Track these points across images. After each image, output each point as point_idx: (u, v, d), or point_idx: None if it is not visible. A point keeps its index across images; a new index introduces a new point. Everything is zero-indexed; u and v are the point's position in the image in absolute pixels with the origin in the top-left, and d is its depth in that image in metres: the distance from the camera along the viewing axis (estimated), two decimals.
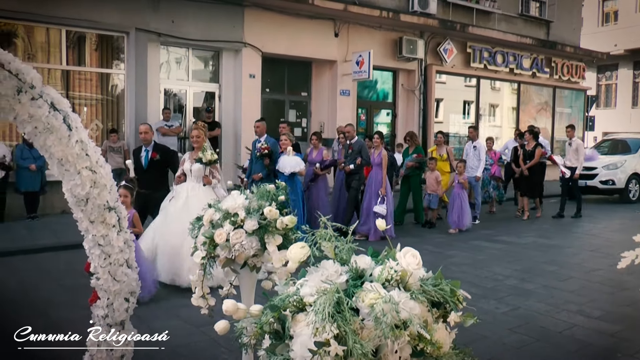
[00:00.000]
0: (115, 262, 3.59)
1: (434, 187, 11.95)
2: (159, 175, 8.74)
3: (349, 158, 10.97)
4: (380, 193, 10.61)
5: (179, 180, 7.88)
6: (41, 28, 12.68)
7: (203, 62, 15.15)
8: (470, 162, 12.88)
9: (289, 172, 9.81)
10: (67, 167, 3.37)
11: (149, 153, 8.69)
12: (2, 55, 3.06)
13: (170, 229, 7.31)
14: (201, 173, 7.67)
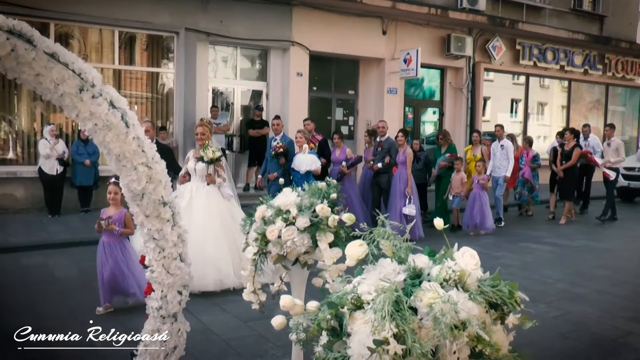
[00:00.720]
0: (169, 255, 3.67)
1: (459, 189, 11.55)
2: None
3: (378, 156, 10.78)
4: (406, 193, 10.42)
5: (183, 179, 7.60)
6: (95, 29, 13.03)
7: (251, 61, 15.26)
8: (498, 162, 12.49)
9: (305, 170, 9.54)
10: (124, 163, 3.45)
11: None
12: (67, 55, 3.15)
13: None
14: (205, 172, 7.42)
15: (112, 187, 6.13)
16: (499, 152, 12.53)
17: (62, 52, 3.19)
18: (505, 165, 12.41)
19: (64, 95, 3.21)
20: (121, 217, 6.17)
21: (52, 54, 3.13)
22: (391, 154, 10.58)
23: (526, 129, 20.13)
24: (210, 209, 7.26)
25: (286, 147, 9.88)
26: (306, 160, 9.59)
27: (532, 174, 13.56)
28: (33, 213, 11.86)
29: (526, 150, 13.76)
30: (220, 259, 6.98)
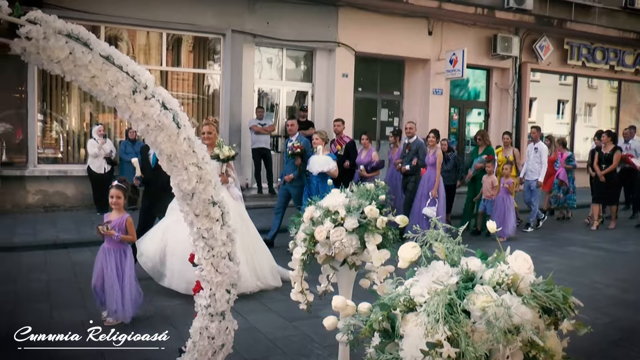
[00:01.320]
0: (218, 254, 3.72)
1: (490, 192, 11.09)
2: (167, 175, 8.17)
3: (406, 158, 10.58)
4: (430, 194, 10.16)
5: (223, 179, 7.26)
6: (142, 31, 13.32)
7: (296, 62, 15.33)
8: (531, 165, 12.04)
9: (317, 171, 9.20)
10: (175, 163, 3.52)
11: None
12: (121, 58, 3.23)
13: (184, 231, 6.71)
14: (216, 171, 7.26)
15: (114, 191, 5.80)
16: (532, 155, 12.11)
17: (117, 54, 3.26)
18: (538, 169, 11.95)
19: (118, 96, 3.28)
20: (122, 222, 5.82)
21: (107, 56, 3.21)
22: (419, 156, 10.38)
23: (573, 130, 19.73)
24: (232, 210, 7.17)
25: (303, 148, 9.61)
26: (319, 162, 9.26)
27: (566, 175, 13.13)
28: (82, 210, 12.21)
29: (560, 152, 13.33)
30: None
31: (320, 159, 9.25)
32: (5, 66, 11.78)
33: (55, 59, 3.09)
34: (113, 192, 5.79)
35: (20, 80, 12.12)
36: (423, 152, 10.44)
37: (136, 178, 7.25)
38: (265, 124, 13.50)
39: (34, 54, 3.08)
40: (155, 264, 6.84)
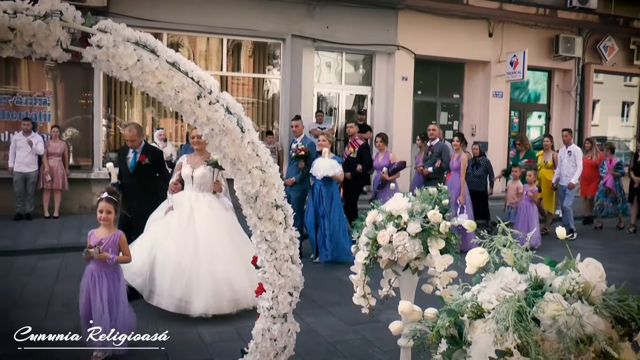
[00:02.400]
0: (280, 257, 3.75)
1: (514, 199, 10.56)
2: (147, 181, 7.13)
3: (428, 161, 10.29)
4: (458, 202, 9.69)
5: (175, 188, 6.68)
6: (203, 38, 13.57)
7: (356, 66, 15.33)
8: (565, 170, 11.54)
9: (322, 175, 8.69)
10: (239, 167, 3.57)
11: (137, 155, 7.12)
12: (187, 64, 3.31)
13: (175, 245, 6.20)
14: (207, 179, 6.56)
15: (104, 205, 4.92)
16: (566, 159, 11.57)
17: (182, 61, 3.35)
18: (573, 173, 11.46)
19: (183, 102, 3.36)
20: (115, 240, 4.95)
21: (173, 63, 3.29)
22: (442, 158, 10.05)
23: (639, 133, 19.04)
24: (215, 221, 6.46)
25: (307, 150, 9.10)
26: (324, 165, 8.73)
27: (614, 183, 12.45)
28: None
29: (608, 158, 12.65)
30: (234, 276, 6.14)
31: (326, 162, 8.79)
32: (73, 73, 12.20)
33: (124, 65, 3.19)
34: (103, 206, 4.91)
35: (87, 86, 12.52)
36: (446, 155, 10.13)
37: (112, 184, 6.65)
38: (324, 127, 13.51)
39: (104, 62, 3.19)
40: (144, 280, 6.11)
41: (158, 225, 6.49)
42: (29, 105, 12.22)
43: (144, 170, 7.06)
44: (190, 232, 6.23)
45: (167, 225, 6.41)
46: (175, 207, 6.49)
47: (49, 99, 12.39)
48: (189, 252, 6.10)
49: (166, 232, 6.33)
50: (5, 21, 2.94)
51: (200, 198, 6.50)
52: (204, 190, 6.56)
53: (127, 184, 6.94)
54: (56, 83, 12.60)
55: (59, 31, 3.07)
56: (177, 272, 6.02)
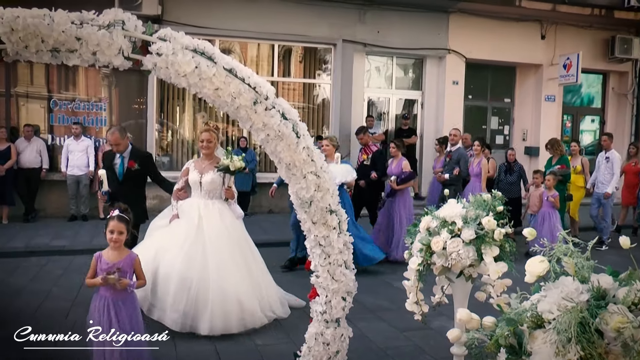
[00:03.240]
0: (334, 262, 3.77)
1: (536, 207, 9.97)
2: (138, 189, 6.71)
3: (447, 167, 10.00)
4: None
5: (181, 194, 6.22)
6: (254, 43, 13.75)
7: (406, 70, 15.28)
8: (602, 177, 11.02)
9: (339, 182, 7.95)
10: (294, 172, 3.60)
11: (124, 161, 6.62)
12: (243, 70, 3.36)
13: (182, 256, 5.70)
14: (216, 185, 6.09)
15: (116, 224, 4.30)
16: (603, 165, 11.07)
17: (239, 67, 3.40)
18: (609, 180, 10.92)
19: (240, 107, 3.41)
20: (131, 264, 4.37)
21: (230, 69, 3.35)
22: (460, 165, 9.70)
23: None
24: (226, 232, 5.97)
25: None
26: (340, 171, 8.12)
27: None
28: None
29: None
30: (244, 293, 5.73)
31: (342, 168, 8.24)
32: (128, 79, 12.49)
33: (182, 73, 3.26)
34: (114, 226, 4.30)
35: (140, 92, 12.83)
36: (465, 162, 9.79)
37: (103, 193, 6.32)
38: (375, 132, 13.49)
39: (164, 69, 3.27)
40: (146, 293, 5.56)
41: (162, 233, 6.06)
42: (86, 110, 12.60)
43: (133, 177, 6.60)
44: (199, 243, 5.76)
45: (172, 233, 5.94)
46: (182, 215, 6.05)
47: (104, 105, 12.74)
48: (196, 266, 5.63)
49: (172, 241, 5.84)
50: (73, 31, 3.06)
51: (210, 206, 6.04)
52: (213, 198, 6.10)
53: (116, 192, 6.33)
54: (111, 89, 12.95)
55: (121, 40, 3.16)
56: (182, 286, 5.54)
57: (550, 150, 11.13)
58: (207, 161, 6.19)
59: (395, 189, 9.26)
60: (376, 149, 10.27)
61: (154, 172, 6.85)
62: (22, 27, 3.04)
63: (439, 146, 11.16)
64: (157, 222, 6.37)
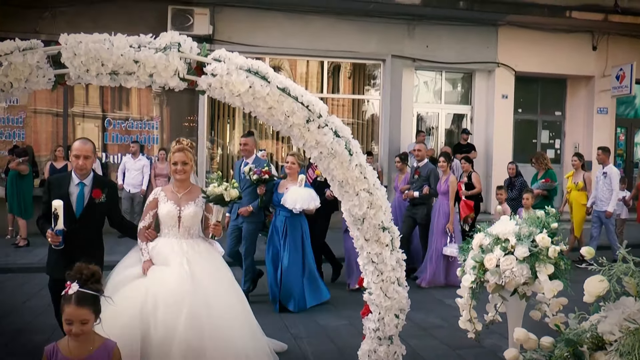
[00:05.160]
0: (387, 279, 3.77)
1: None
2: (97, 231, 4.92)
3: (415, 185, 9.15)
4: (447, 229, 8.74)
5: (150, 233, 4.80)
6: (303, 61, 13.90)
7: (455, 84, 15.19)
8: (601, 194, 10.37)
9: (301, 208, 7.20)
10: (346, 189, 3.63)
11: (85, 189, 4.76)
12: (296, 89, 3.41)
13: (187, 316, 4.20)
14: (198, 220, 4.84)
15: (73, 312, 2.96)
16: (601, 181, 10.38)
17: (292, 86, 3.45)
18: (608, 197, 10.23)
19: (293, 126, 3.47)
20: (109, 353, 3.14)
21: (284, 88, 3.40)
22: (430, 183, 9.07)
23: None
24: (222, 279, 4.74)
25: (271, 174, 7.52)
26: (303, 195, 7.23)
27: None
28: None
29: None
30: (251, 348, 4.63)
31: (304, 192, 7.30)
32: (179, 98, 12.75)
33: (237, 92, 3.33)
34: (73, 314, 2.96)
35: (191, 110, 13.08)
36: (435, 178, 9.19)
37: (57, 232, 4.38)
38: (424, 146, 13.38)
39: (218, 89, 3.35)
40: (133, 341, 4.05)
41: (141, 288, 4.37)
42: (139, 129, 12.95)
43: (95, 213, 4.80)
44: (199, 298, 4.33)
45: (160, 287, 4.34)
46: (158, 261, 4.58)
47: (157, 123, 13.05)
48: (204, 326, 4.25)
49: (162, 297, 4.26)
50: (131, 54, 3.17)
51: (195, 246, 4.72)
52: (193, 236, 4.79)
53: (71, 232, 4.51)
54: (162, 108, 13.25)
55: (177, 62, 3.26)
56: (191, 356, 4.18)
57: (535, 165, 10.69)
58: (183, 189, 4.83)
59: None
60: None
61: (117, 209, 5.25)
62: (84, 51, 3.17)
63: (401, 163, 10.21)
64: (121, 274, 4.57)
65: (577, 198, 10.65)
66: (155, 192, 4.96)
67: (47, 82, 3.30)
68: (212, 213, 4.83)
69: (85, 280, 3.04)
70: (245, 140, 7.87)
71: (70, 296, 2.97)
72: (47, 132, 12.77)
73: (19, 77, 3.22)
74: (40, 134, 12.66)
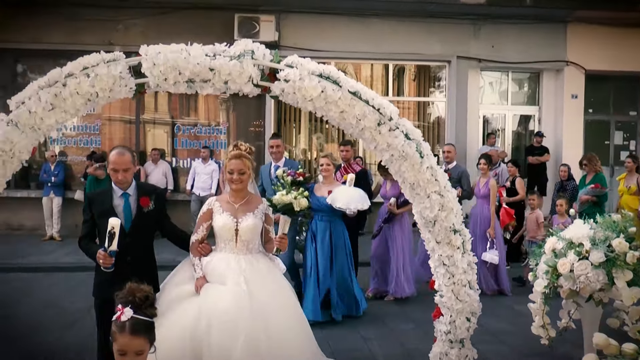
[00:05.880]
0: (458, 282, 3.77)
1: (534, 233, 8.70)
2: (148, 244, 4.46)
3: None
4: (488, 235, 8.27)
5: (204, 248, 4.35)
6: (367, 64, 13.93)
7: (521, 85, 14.89)
8: None
9: (354, 209, 6.73)
10: (417, 191, 3.66)
11: (130, 199, 4.28)
12: (367, 93, 3.46)
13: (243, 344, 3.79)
14: (257, 233, 4.35)
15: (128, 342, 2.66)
16: None
17: (363, 90, 3.51)
18: None
19: (364, 129, 3.52)
20: None
21: (355, 92, 3.46)
22: (462, 185, 8.66)
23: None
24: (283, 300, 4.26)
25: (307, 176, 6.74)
26: (354, 196, 6.73)
27: None
28: None
29: None
30: None
31: (354, 191, 6.80)
32: (246, 103, 12.97)
33: (309, 97, 3.40)
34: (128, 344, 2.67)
35: (258, 115, 13.30)
36: (467, 180, 8.80)
37: (110, 254, 3.89)
38: (497, 149, 13.09)
39: (291, 94, 3.44)
40: None
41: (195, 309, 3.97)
42: (207, 134, 13.27)
43: (145, 224, 4.34)
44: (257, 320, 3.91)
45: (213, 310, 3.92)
46: (213, 278, 4.15)
47: (224, 129, 13.33)
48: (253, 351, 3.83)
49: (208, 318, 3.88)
50: (207, 63, 3.30)
51: (254, 263, 4.26)
52: (252, 251, 4.33)
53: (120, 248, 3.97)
54: (229, 113, 13.52)
55: (251, 69, 3.37)
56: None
57: (586, 167, 10.04)
58: (240, 199, 4.37)
59: (395, 213, 7.87)
60: (359, 168, 8.48)
61: (167, 215, 4.65)
62: (163, 61, 3.32)
63: None
64: (172, 292, 4.20)
65: (628, 202, 9.76)
66: (209, 202, 4.48)
67: (129, 91, 3.48)
68: (272, 225, 4.43)
69: (139, 305, 2.71)
70: (276, 142, 7.59)
71: (124, 324, 2.64)
72: (120, 138, 13.23)
73: (104, 87, 3.42)
74: (114, 140, 13.10)
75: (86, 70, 3.41)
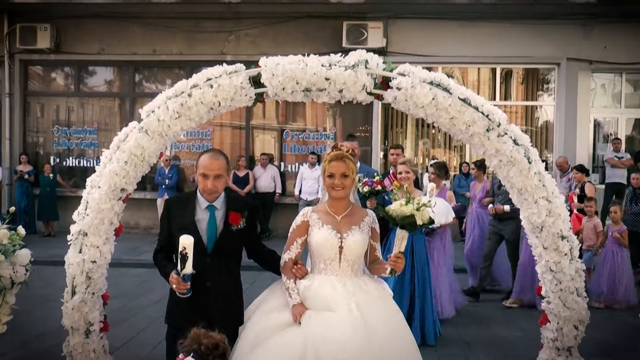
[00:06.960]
0: (566, 289, 3.77)
1: (591, 242, 8.32)
2: (235, 266, 3.79)
3: (501, 196, 7.84)
4: None
5: (300, 270, 3.64)
6: (474, 68, 13.88)
7: (635, 87, 14.24)
8: None
9: (438, 224, 6.38)
10: (525, 197, 3.71)
11: (217, 213, 3.66)
12: (477, 99, 3.56)
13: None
14: (363, 251, 3.63)
15: None
16: None
17: (473, 97, 3.60)
18: None
19: (474, 135, 3.62)
20: None
21: (465, 99, 3.57)
22: None
23: None
24: (398, 328, 3.55)
25: (383, 184, 6.46)
26: (439, 208, 6.02)
27: None
28: None
29: None
30: None
31: (439, 203, 6.20)
32: (353, 109, 13.21)
33: (420, 104, 3.55)
34: None
35: (365, 120, 13.54)
36: None
37: (183, 278, 3.33)
38: (622, 157, 12.54)
39: (403, 101, 3.60)
40: None
41: (293, 336, 3.33)
42: (315, 140, 13.67)
43: (232, 244, 3.70)
44: (375, 353, 3.26)
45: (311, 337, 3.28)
46: (316, 304, 3.44)
47: (332, 134, 13.64)
48: None
49: (316, 352, 3.20)
50: (323, 73, 3.52)
51: (363, 286, 3.56)
52: (357, 273, 3.63)
53: (200, 270, 3.44)
54: (336, 118, 13.82)
55: (364, 77, 3.57)
56: None
57: None
58: (343, 209, 3.66)
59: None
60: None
61: (257, 235, 4.15)
62: (281, 72, 3.57)
63: (476, 170, 9.02)
64: (262, 322, 3.51)
65: None
66: (304, 212, 3.71)
67: (249, 100, 3.75)
68: (378, 241, 3.76)
69: (205, 355, 2.31)
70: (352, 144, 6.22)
71: None
72: (230, 143, 13.87)
73: (225, 97, 3.70)
74: (224, 145, 13.73)
75: (209, 81, 3.69)
